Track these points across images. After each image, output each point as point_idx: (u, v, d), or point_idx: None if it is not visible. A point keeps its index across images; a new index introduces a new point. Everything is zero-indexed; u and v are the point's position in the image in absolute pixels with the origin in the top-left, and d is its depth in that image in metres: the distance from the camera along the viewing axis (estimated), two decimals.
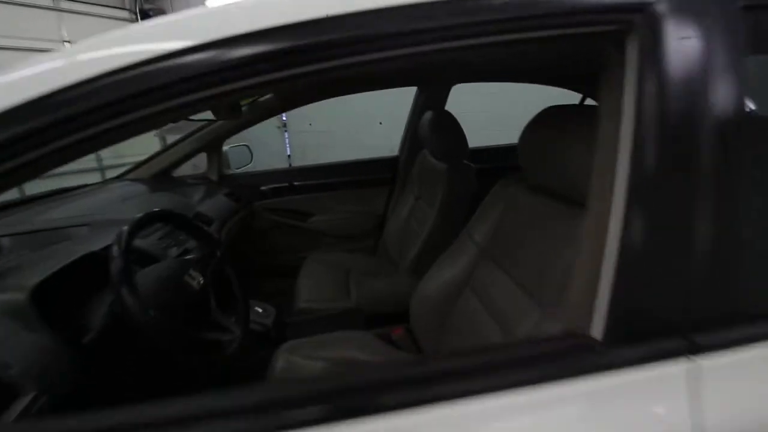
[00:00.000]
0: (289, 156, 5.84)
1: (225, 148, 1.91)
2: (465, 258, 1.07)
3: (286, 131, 5.77)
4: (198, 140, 1.71)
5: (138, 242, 1.05)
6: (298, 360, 1.08)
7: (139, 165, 1.75)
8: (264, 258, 2.03)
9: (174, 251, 1.07)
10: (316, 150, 5.46)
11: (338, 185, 1.99)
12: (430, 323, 1.10)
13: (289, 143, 5.82)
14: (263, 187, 1.92)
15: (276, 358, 1.08)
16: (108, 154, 3.81)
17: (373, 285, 1.31)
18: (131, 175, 1.73)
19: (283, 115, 5.68)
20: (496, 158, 1.93)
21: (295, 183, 1.94)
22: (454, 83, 1.76)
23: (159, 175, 1.75)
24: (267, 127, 5.62)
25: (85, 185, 1.57)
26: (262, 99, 1.65)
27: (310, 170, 2.01)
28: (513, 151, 0.92)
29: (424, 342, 1.13)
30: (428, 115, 1.47)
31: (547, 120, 0.85)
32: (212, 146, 1.78)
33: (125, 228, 0.73)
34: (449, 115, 1.44)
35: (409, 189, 1.80)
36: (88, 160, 3.70)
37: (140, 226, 0.77)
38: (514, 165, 0.91)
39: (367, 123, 4.74)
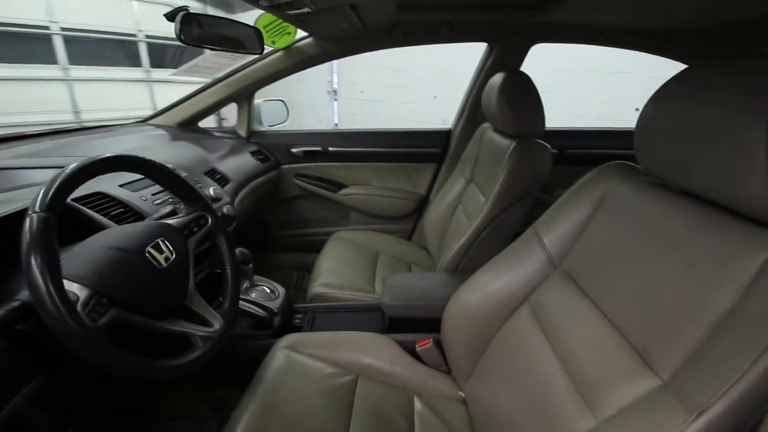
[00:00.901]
0: (336, 124, 5.65)
1: (258, 101, 1.70)
2: (527, 265, 0.78)
3: (336, 98, 5.56)
4: (227, 87, 1.51)
5: (122, 193, 0.87)
6: (300, 358, 0.88)
7: (164, 110, 1.60)
8: (287, 229, 1.85)
9: (167, 211, 0.88)
10: (366, 120, 5.21)
11: (378, 156, 1.72)
12: (468, 342, 0.85)
13: (338, 110, 5.61)
14: (294, 149, 1.70)
15: (274, 351, 0.89)
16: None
17: (403, 284, 1.06)
18: (155, 120, 1.58)
19: (334, 81, 5.47)
20: (582, 143, 1.57)
21: (330, 148, 1.70)
22: (536, 42, 1.40)
23: (184, 124, 1.59)
24: (317, 91, 5.46)
25: (106, 125, 1.44)
26: (300, 43, 1.41)
27: (347, 135, 1.76)
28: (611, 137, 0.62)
29: (455, 362, 0.88)
30: (497, 77, 1.16)
31: (692, 81, 0.54)
32: (243, 97, 1.58)
33: (55, 177, 0.53)
34: (525, 77, 1.11)
35: (459, 169, 1.50)
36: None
37: (84, 174, 0.56)
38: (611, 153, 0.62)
39: (422, 95, 4.38)
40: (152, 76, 5.11)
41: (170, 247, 0.64)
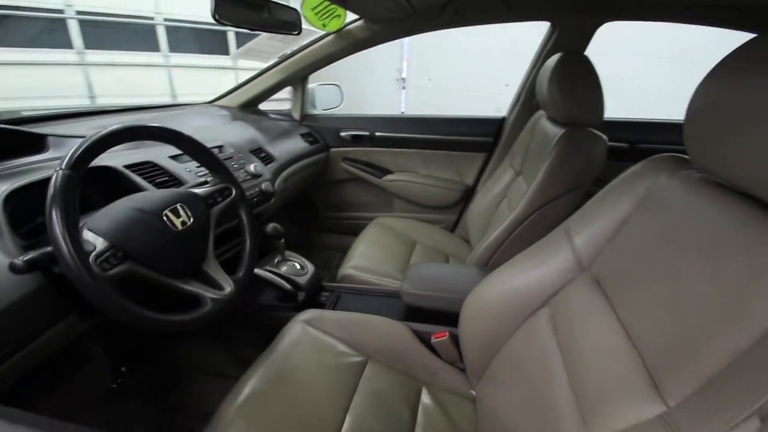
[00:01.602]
0: (402, 113, 5.63)
1: (312, 85, 1.75)
2: (553, 266, 0.71)
3: (404, 86, 5.52)
4: (281, 72, 1.57)
5: (169, 163, 0.96)
6: (314, 333, 0.90)
7: (229, 92, 1.71)
8: (333, 211, 1.90)
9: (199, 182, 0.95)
10: (433, 109, 5.11)
11: (425, 143, 1.68)
12: (483, 340, 0.80)
13: (404, 98, 5.58)
14: (343, 133, 1.73)
15: (292, 323, 0.92)
16: None
17: (426, 273, 1.03)
18: (220, 102, 1.71)
19: (403, 69, 5.43)
20: (661, 137, 1.39)
21: (377, 133, 1.70)
22: (605, 20, 1.24)
23: (245, 105, 1.70)
24: (384, 79, 5.47)
25: (178, 104, 1.59)
26: (351, 26, 1.42)
27: (395, 121, 1.74)
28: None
29: (469, 360, 0.84)
30: (552, 59, 1.05)
31: (758, 53, 0.44)
32: (296, 81, 1.64)
33: (82, 142, 0.59)
34: (582, 59, 0.99)
35: (509, 160, 1.41)
36: None
37: (110, 140, 0.62)
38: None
39: (493, 83, 4.17)
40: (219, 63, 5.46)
41: (188, 213, 0.69)
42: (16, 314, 0.54)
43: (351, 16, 1.36)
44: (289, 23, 1.02)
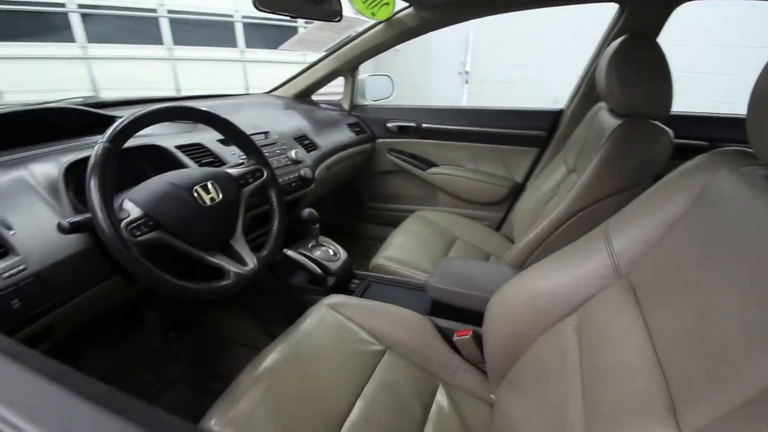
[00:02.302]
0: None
1: (363, 76, 1.76)
2: (588, 269, 0.65)
3: (467, 80, 5.36)
4: (332, 62, 1.60)
5: (216, 146, 1.02)
6: (337, 317, 0.92)
7: (285, 83, 1.79)
8: (377, 201, 1.90)
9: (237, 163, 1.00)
10: (498, 103, 4.86)
11: (472, 136, 1.61)
12: (506, 342, 0.75)
13: (467, 92, 5.41)
14: (389, 124, 1.72)
15: (317, 306, 0.95)
16: None
17: (454, 269, 0.99)
18: (277, 92, 1.79)
19: (467, 62, 5.26)
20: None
21: (424, 125, 1.66)
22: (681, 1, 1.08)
23: (299, 95, 1.76)
24: (446, 71, 5.35)
25: (238, 94, 1.69)
26: (400, 14, 1.39)
27: (443, 112, 1.68)
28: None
29: (491, 361, 0.79)
30: (616, 42, 0.94)
31: None
32: (347, 71, 1.66)
33: (123, 119, 0.65)
34: (649, 42, 0.88)
35: (563, 156, 1.30)
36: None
37: (150, 119, 0.67)
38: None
39: (561, 75, 3.86)
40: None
41: (218, 190, 0.73)
42: (64, 270, 0.61)
43: (400, 4, 1.34)
44: (329, 11, 1.03)
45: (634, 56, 0.87)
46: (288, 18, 0.92)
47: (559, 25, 3.72)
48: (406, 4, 1.34)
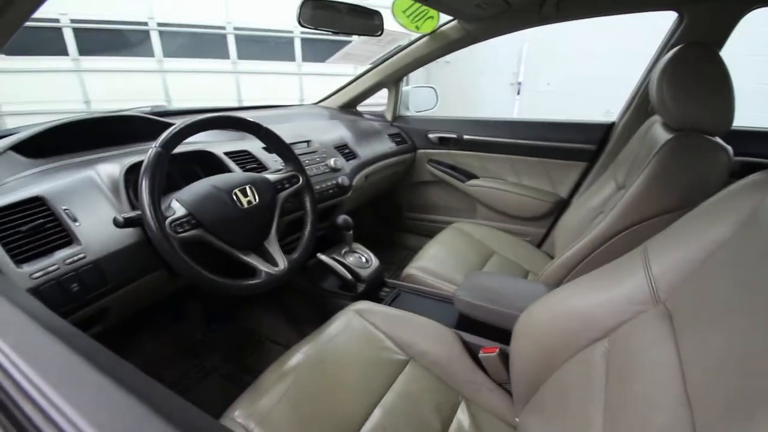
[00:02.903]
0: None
1: (407, 88, 1.79)
2: (622, 292, 0.61)
3: (518, 90, 5.22)
4: (377, 74, 1.64)
5: (261, 153, 1.09)
6: (363, 323, 0.93)
7: (332, 94, 1.86)
8: (415, 212, 1.91)
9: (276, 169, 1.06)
10: (550, 115, 4.69)
11: (515, 148, 1.57)
12: (532, 364, 0.72)
13: (519, 103, 5.27)
14: (431, 135, 1.73)
15: (344, 311, 0.97)
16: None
17: (484, 283, 0.96)
18: (324, 102, 1.87)
19: (520, 73, 5.13)
20: None
21: (465, 136, 1.65)
22: (754, 6, 0.98)
23: (344, 106, 1.83)
24: (497, 82, 5.26)
25: (287, 105, 1.79)
26: (444, 27, 1.41)
27: (486, 124, 1.65)
28: None
29: (516, 383, 0.76)
30: (671, 53, 0.88)
31: None
32: (390, 83, 1.69)
33: (174, 127, 0.72)
34: (708, 51, 0.81)
35: (612, 171, 1.23)
36: None
37: (197, 128, 0.74)
38: None
39: (620, 88, 3.64)
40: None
41: (255, 194, 0.78)
42: (118, 260, 0.69)
43: (444, 17, 1.35)
44: (371, 26, 1.07)
45: (689, 67, 0.81)
46: (331, 33, 0.97)
47: (619, 33, 3.53)
48: (450, 18, 1.35)
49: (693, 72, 0.81)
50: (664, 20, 1.17)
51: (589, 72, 4.09)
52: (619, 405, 0.46)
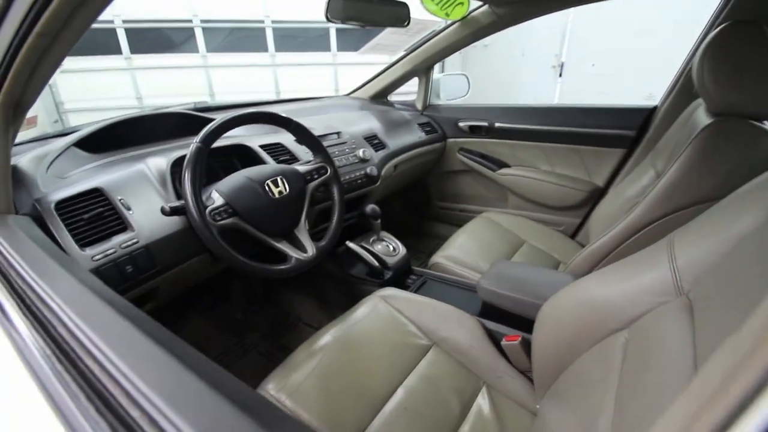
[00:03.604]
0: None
1: (438, 76, 1.78)
2: (645, 283, 0.60)
3: (560, 74, 4.97)
4: (407, 63, 1.65)
5: (293, 145, 1.14)
6: (388, 309, 0.96)
7: (363, 84, 1.89)
8: (446, 200, 1.91)
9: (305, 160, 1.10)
10: (595, 99, 4.44)
11: (548, 135, 1.52)
12: (554, 351, 0.73)
13: (560, 87, 5.02)
14: (461, 124, 1.71)
15: (371, 297, 1.01)
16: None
17: (509, 272, 0.96)
18: (356, 93, 1.90)
19: (563, 54, 4.87)
20: None
21: (496, 124, 1.62)
22: None
23: (375, 96, 1.85)
24: (538, 66, 5.03)
25: (320, 97, 1.84)
26: (475, 12, 1.38)
27: (517, 111, 1.61)
28: None
29: (538, 370, 0.77)
30: (718, 31, 0.82)
31: None
32: (420, 71, 1.69)
33: (213, 123, 0.78)
34: (754, 29, 0.75)
35: (652, 158, 1.17)
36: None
37: (233, 124, 0.80)
38: None
39: (668, 66, 3.36)
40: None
41: (286, 185, 0.83)
42: (166, 244, 0.76)
43: (474, 3, 1.33)
44: (397, 17, 1.07)
45: (732, 48, 0.75)
46: (358, 26, 0.98)
47: (674, 7, 3.26)
48: (480, 3, 1.33)
49: (737, 53, 0.75)
50: None
51: (635, 46, 3.80)
52: (629, 393, 0.47)
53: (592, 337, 0.65)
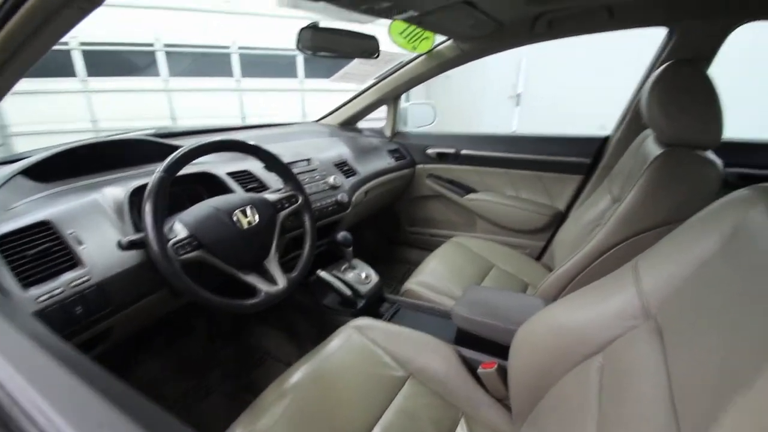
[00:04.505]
0: (514, 132, 5.36)
1: (405, 104, 1.83)
2: (614, 308, 0.62)
3: (517, 102, 5.26)
4: (376, 92, 1.68)
5: (261, 172, 1.11)
6: (362, 340, 0.93)
7: (332, 112, 1.90)
8: (416, 226, 1.92)
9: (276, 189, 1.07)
10: (549, 128, 4.70)
11: (513, 163, 1.59)
12: (530, 378, 0.73)
13: (518, 116, 5.30)
14: (429, 150, 1.75)
15: (344, 327, 0.97)
16: None
17: (481, 297, 0.97)
18: (324, 120, 1.91)
19: (519, 83, 5.18)
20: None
21: (463, 151, 1.67)
22: (744, 20, 1.01)
23: (344, 123, 1.86)
24: (496, 96, 5.31)
25: (287, 123, 1.82)
26: (440, 46, 1.44)
27: (483, 139, 1.68)
28: None
29: (515, 398, 0.76)
30: (659, 70, 0.90)
31: None
32: (389, 100, 1.73)
33: (178, 151, 0.74)
34: (695, 69, 0.83)
35: (608, 184, 1.24)
36: None
37: (199, 152, 0.77)
38: None
39: (618, 98, 3.67)
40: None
41: (256, 215, 0.80)
42: (122, 281, 0.70)
43: (440, 36, 1.39)
44: (367, 49, 1.10)
45: (677, 85, 0.83)
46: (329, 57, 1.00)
47: (619, 46, 3.58)
48: (445, 38, 1.39)
49: (681, 89, 0.83)
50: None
51: (588, 83, 4.12)
52: (612, 422, 0.47)
53: (567, 363, 0.65)
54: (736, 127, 0.98)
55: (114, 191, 0.81)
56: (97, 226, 0.73)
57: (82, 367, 0.36)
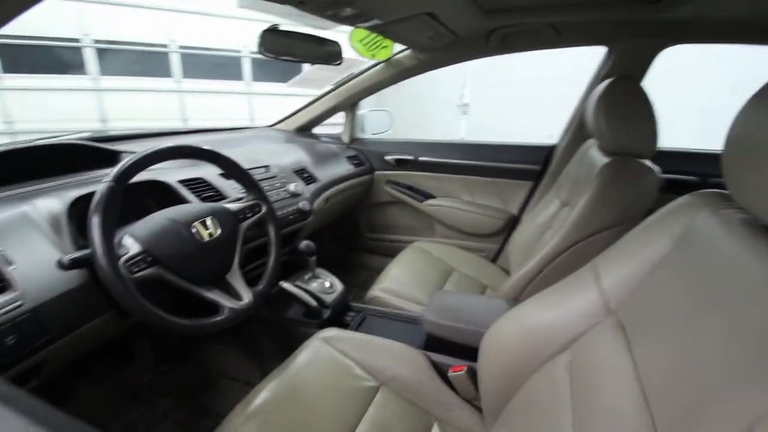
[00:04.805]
0: (462, 139, 5.59)
1: (362, 111, 1.83)
2: (578, 306, 0.65)
3: (465, 111, 5.50)
4: (333, 98, 1.67)
5: (217, 180, 1.05)
6: (331, 352, 0.90)
7: (287, 117, 1.85)
8: (375, 232, 1.92)
9: (236, 198, 1.02)
10: (496, 135, 4.95)
11: (468, 169, 1.65)
12: (500, 379, 0.75)
13: (465, 125, 5.54)
14: (387, 157, 1.77)
15: (311, 340, 0.94)
16: None
17: (449, 302, 0.99)
18: (279, 125, 1.85)
19: (465, 93, 5.41)
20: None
21: (421, 158, 1.71)
22: (669, 43, 1.14)
23: (300, 129, 1.82)
24: (445, 106, 5.50)
25: (238, 127, 1.74)
26: (399, 55, 1.47)
27: (440, 146, 1.74)
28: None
29: (486, 399, 0.78)
30: (602, 85, 0.99)
31: None
32: (347, 106, 1.72)
33: (129, 159, 0.68)
34: (633, 85, 0.92)
35: (556, 190, 1.33)
36: None
37: (154, 159, 0.70)
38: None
39: (561, 109, 3.96)
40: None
41: (216, 226, 0.75)
42: (61, 305, 0.62)
43: (399, 45, 1.41)
44: (330, 54, 1.09)
45: (619, 99, 0.92)
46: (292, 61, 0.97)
47: (559, 59, 3.88)
48: (404, 47, 1.42)
49: (622, 105, 0.91)
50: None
51: (532, 94, 4.41)
52: (587, 416, 0.50)
53: (534, 362, 0.68)
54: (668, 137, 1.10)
55: (48, 203, 0.72)
56: (29, 243, 0.64)
57: (19, 402, 0.31)
